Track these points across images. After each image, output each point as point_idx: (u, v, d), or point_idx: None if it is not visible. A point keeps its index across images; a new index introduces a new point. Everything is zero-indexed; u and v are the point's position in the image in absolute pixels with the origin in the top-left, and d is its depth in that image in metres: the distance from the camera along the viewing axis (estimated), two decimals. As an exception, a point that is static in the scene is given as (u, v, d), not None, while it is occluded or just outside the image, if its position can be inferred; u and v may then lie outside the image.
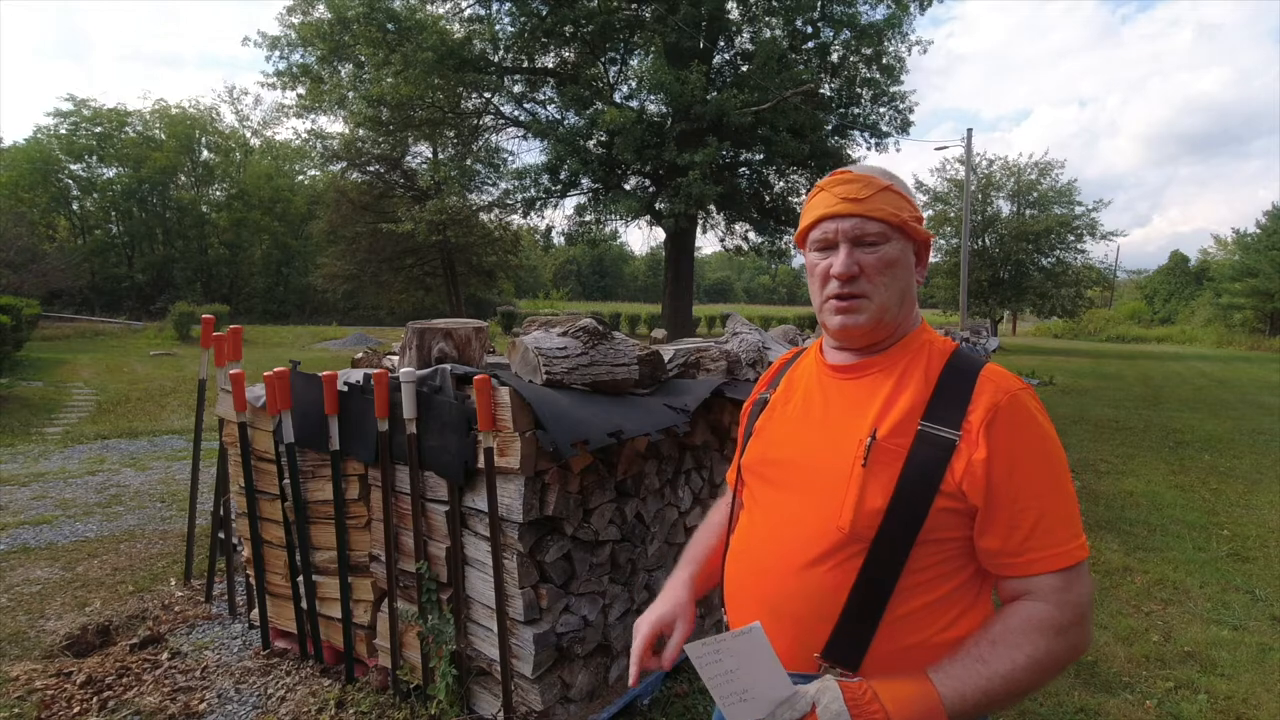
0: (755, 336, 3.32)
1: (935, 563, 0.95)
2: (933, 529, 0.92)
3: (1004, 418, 0.92)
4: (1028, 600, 0.92)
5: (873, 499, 0.93)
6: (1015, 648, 0.89)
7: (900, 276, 1.01)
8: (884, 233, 0.99)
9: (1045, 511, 0.91)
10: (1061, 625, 0.89)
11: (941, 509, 0.92)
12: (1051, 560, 0.91)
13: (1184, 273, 46.85)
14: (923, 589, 0.95)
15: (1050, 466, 0.94)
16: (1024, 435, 0.93)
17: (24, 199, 29.05)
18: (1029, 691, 0.91)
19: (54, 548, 4.11)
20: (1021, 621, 0.91)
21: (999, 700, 0.89)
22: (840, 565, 0.95)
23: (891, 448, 0.94)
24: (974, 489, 0.91)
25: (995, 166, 28.11)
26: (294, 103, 17.01)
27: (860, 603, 0.94)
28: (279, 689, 2.60)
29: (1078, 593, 0.91)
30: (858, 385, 1.03)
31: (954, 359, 1.00)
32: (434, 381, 2.26)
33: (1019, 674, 0.88)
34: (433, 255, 26.89)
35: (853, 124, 17.22)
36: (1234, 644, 3.24)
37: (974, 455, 0.91)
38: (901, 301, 1.02)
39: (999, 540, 0.92)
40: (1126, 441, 8.17)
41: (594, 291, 74.22)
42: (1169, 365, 19.60)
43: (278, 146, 37.84)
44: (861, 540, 0.93)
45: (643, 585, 2.67)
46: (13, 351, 12.33)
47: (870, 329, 1.01)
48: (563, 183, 16.32)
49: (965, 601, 0.97)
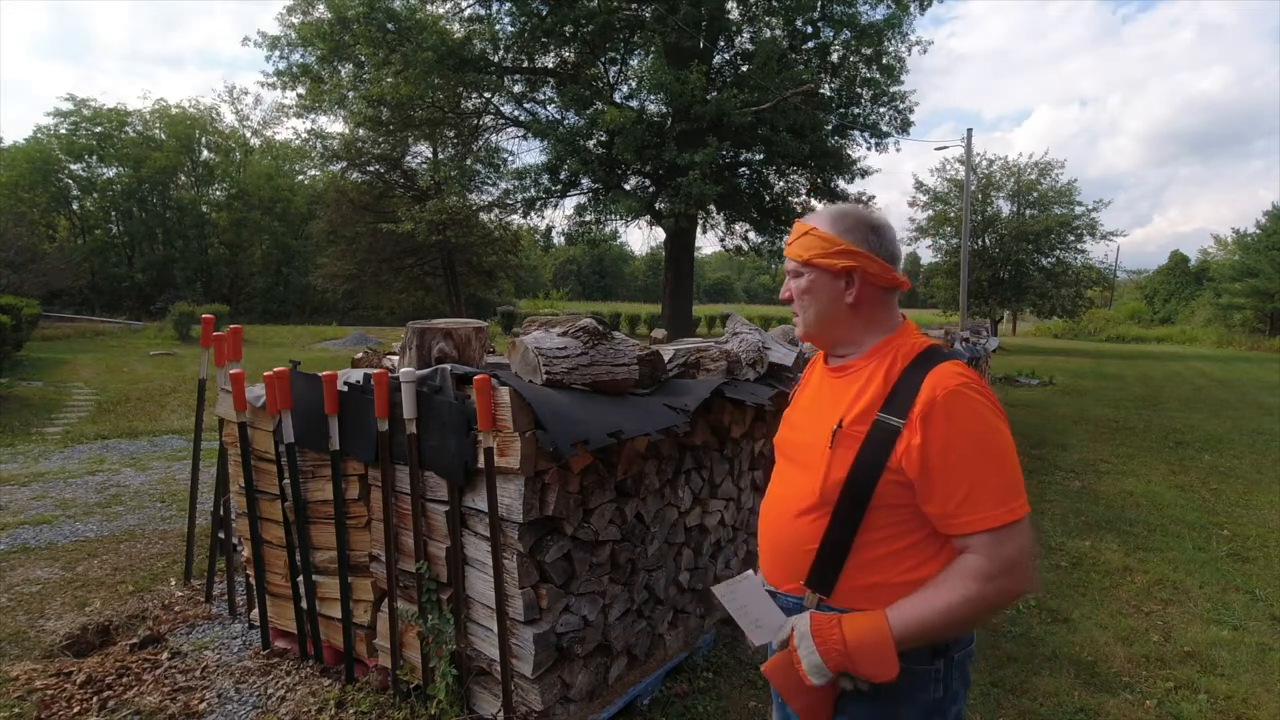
0: (755, 336, 3.32)
1: (889, 522, 1.18)
2: (883, 496, 1.16)
3: (938, 411, 1.12)
4: (966, 553, 1.13)
5: (835, 472, 1.18)
6: (951, 589, 1.11)
7: (816, 301, 1.28)
8: (797, 269, 1.31)
9: (975, 484, 1.10)
10: (991, 573, 1.09)
11: (889, 481, 1.15)
12: (980, 522, 1.10)
13: (1184, 273, 46.84)
14: (880, 543, 1.18)
15: (981, 447, 1.12)
16: (955, 424, 1.12)
17: (24, 199, 29.04)
18: (966, 624, 1.13)
19: (54, 548, 4.11)
20: (959, 569, 1.12)
21: (937, 629, 1.12)
22: (815, 520, 1.22)
23: (853, 433, 1.19)
24: (911, 466, 1.13)
25: (995, 166, 28.11)
26: (294, 103, 17.02)
27: (828, 549, 1.20)
28: (279, 689, 2.60)
29: (1008, 549, 1.10)
30: (843, 382, 1.28)
31: (917, 359, 1.20)
32: (434, 381, 2.26)
33: (954, 609, 1.10)
34: (433, 255, 26.89)
35: (853, 124, 17.21)
36: (1234, 644, 3.24)
37: (912, 440, 1.12)
38: (821, 319, 1.29)
39: (937, 507, 1.13)
40: (1126, 441, 8.17)
41: (594, 291, 74.21)
42: (1169, 365, 19.60)
43: (278, 146, 37.84)
44: (828, 503, 1.20)
45: (643, 585, 2.67)
46: (13, 351, 12.33)
47: (807, 336, 1.33)
48: (563, 183, 16.32)
49: (926, 553, 1.18)
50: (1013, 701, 2.73)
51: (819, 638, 1.14)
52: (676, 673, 2.80)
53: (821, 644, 1.13)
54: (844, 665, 1.12)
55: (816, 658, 1.13)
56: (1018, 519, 1.10)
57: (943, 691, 1.21)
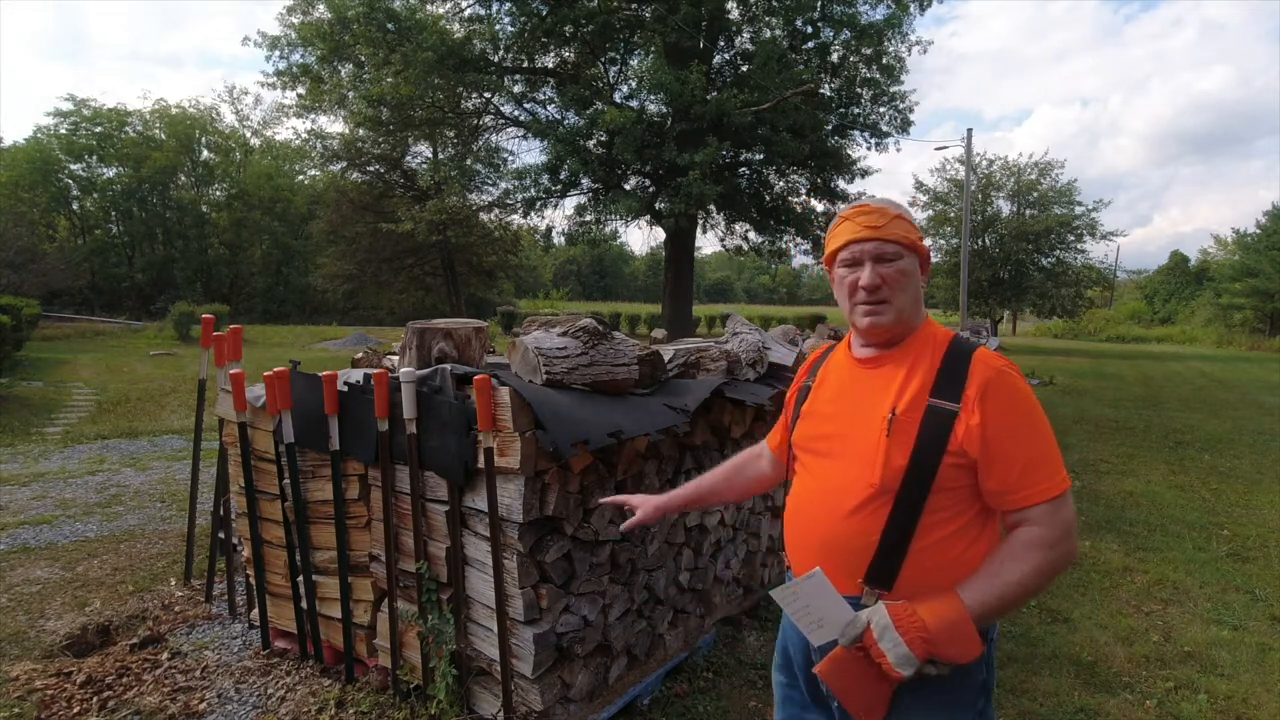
0: (755, 336, 3.32)
1: (946, 504, 1.20)
2: (943, 480, 1.18)
3: (992, 391, 1.18)
4: (1026, 526, 1.17)
5: (896, 460, 1.19)
6: (1020, 561, 1.15)
7: (912, 284, 1.28)
8: (898, 251, 1.26)
9: (1031, 458, 1.17)
10: (1053, 541, 1.15)
11: (949, 465, 1.18)
12: (1041, 494, 1.16)
13: (1184, 273, 46.78)
14: (938, 525, 1.20)
15: (1032, 423, 1.19)
16: (1009, 402, 1.18)
17: (24, 199, 29.01)
18: (1035, 593, 1.18)
19: (54, 548, 4.11)
20: (1023, 542, 1.16)
21: (1011, 602, 1.16)
22: (874, 512, 1.21)
23: (908, 420, 1.20)
24: (972, 446, 1.17)
25: (995, 166, 28.10)
26: (294, 103, 17.01)
27: (891, 539, 1.20)
28: (279, 689, 2.60)
29: (1063, 516, 1.16)
30: (879, 374, 1.29)
31: (952, 346, 1.25)
32: (434, 381, 2.26)
33: (1026, 580, 1.14)
34: (433, 255, 26.89)
35: (853, 124, 17.21)
36: (1234, 644, 3.24)
37: (971, 421, 1.17)
38: (914, 303, 1.29)
39: (998, 483, 1.18)
40: (1126, 441, 8.17)
41: (594, 291, 74.21)
42: (1169, 365, 19.59)
43: (278, 146, 37.81)
44: (889, 492, 1.20)
45: (643, 585, 2.67)
46: (13, 351, 12.32)
47: (891, 325, 1.27)
48: (563, 183, 16.31)
49: (974, 533, 1.22)
50: (1013, 701, 2.73)
51: (902, 627, 1.12)
52: (676, 673, 2.80)
53: (906, 633, 1.12)
54: (930, 651, 1.12)
55: (903, 648, 1.12)
56: (1068, 488, 1.17)
57: (986, 672, 1.26)
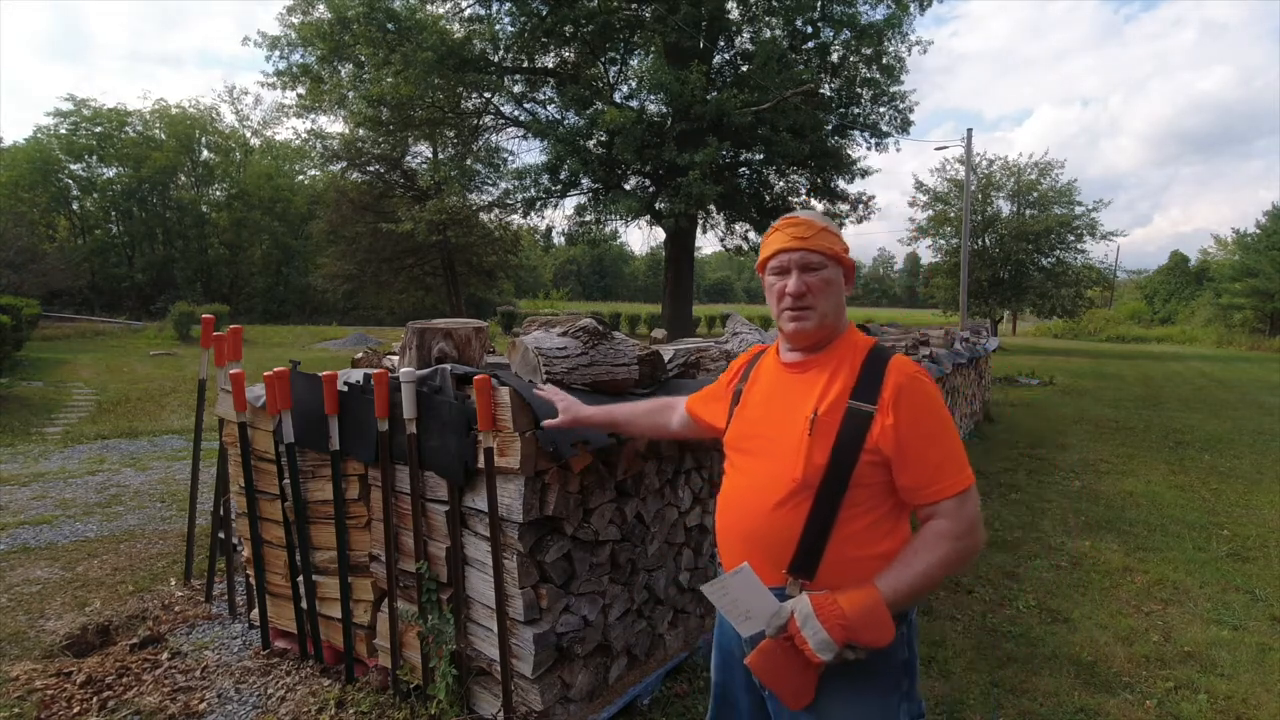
0: (755, 336, 3.32)
1: (863, 499, 1.29)
2: (860, 476, 1.27)
3: (906, 394, 1.27)
4: (936, 519, 1.27)
5: (817, 457, 1.28)
6: (931, 551, 1.24)
7: (835, 293, 1.37)
8: (823, 261, 1.35)
9: (941, 457, 1.27)
10: (959, 533, 1.25)
11: (866, 462, 1.27)
12: (948, 489, 1.25)
13: (1184, 273, 46.77)
14: (856, 519, 1.29)
15: (941, 425, 1.29)
16: (922, 406, 1.28)
17: (24, 199, 29.01)
18: (939, 582, 1.28)
19: (54, 548, 4.11)
20: (933, 534, 1.26)
21: (920, 590, 1.24)
22: (797, 506, 1.29)
23: (829, 420, 1.29)
24: (887, 445, 1.26)
25: (995, 166, 28.07)
26: (294, 103, 17.03)
27: (812, 531, 1.28)
28: (279, 689, 2.60)
29: (969, 509, 1.26)
30: (804, 378, 1.38)
31: (871, 353, 1.34)
32: (434, 381, 2.26)
33: (935, 568, 1.24)
34: (433, 255, 26.88)
35: (853, 124, 17.23)
36: (1234, 644, 3.24)
37: (886, 422, 1.26)
38: (836, 310, 1.37)
39: (911, 479, 1.27)
40: (1126, 441, 8.17)
41: (594, 291, 74.22)
42: (1169, 365, 19.59)
43: (278, 146, 37.80)
44: (810, 487, 1.28)
45: (643, 585, 2.67)
46: (13, 351, 12.33)
47: (815, 331, 1.36)
48: (563, 183, 16.32)
49: (888, 526, 1.31)
50: (1013, 701, 2.73)
51: (823, 615, 1.20)
52: (676, 673, 2.80)
53: (826, 620, 1.20)
54: (848, 637, 1.19)
55: (823, 634, 1.19)
56: (973, 483, 1.28)
57: (907, 653, 1.35)
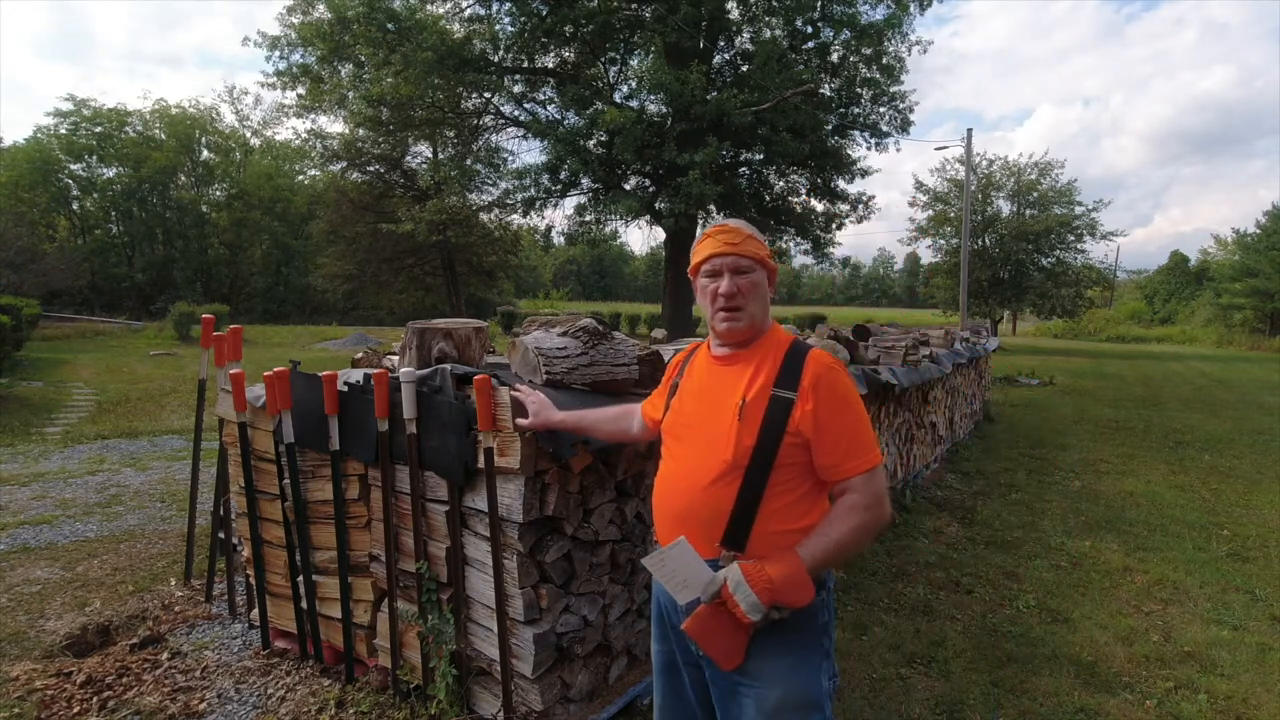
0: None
1: (786, 479, 1.44)
2: (783, 456, 1.43)
3: (823, 383, 1.44)
4: (848, 494, 1.44)
5: (745, 440, 1.43)
6: (843, 521, 1.41)
7: (762, 294, 1.53)
8: (752, 265, 1.50)
9: (853, 439, 1.44)
10: (868, 504, 1.42)
11: (788, 444, 1.43)
12: (858, 467, 1.43)
13: (1184, 273, 46.77)
14: (780, 496, 1.44)
15: (853, 411, 1.46)
16: (837, 393, 1.44)
17: (24, 199, 28.99)
18: (855, 549, 1.45)
19: (54, 548, 4.11)
20: (845, 506, 1.43)
21: (838, 555, 1.41)
22: (727, 485, 1.44)
23: (755, 407, 1.44)
24: (806, 428, 1.42)
25: (995, 166, 28.06)
26: (294, 103, 17.04)
27: (742, 507, 1.44)
28: (279, 689, 2.60)
29: (876, 484, 1.43)
30: (732, 370, 1.53)
31: (792, 347, 1.50)
32: (434, 381, 2.26)
33: (845, 538, 1.40)
34: (433, 255, 26.88)
35: (853, 124, 17.23)
36: (1234, 644, 3.24)
37: (805, 407, 1.42)
38: (763, 310, 1.53)
39: (827, 458, 1.44)
40: (1126, 441, 8.17)
41: (594, 291, 74.25)
42: (1169, 365, 19.59)
43: (278, 146, 37.78)
44: (739, 468, 1.43)
45: (643, 585, 2.67)
46: (13, 351, 12.32)
47: (744, 329, 1.51)
48: (563, 183, 16.33)
49: (808, 504, 1.47)
50: (1013, 701, 2.73)
51: (752, 580, 1.35)
52: (676, 673, 2.79)
53: (755, 585, 1.35)
54: (774, 599, 1.35)
55: (753, 597, 1.34)
56: (881, 461, 1.45)
57: (828, 616, 1.51)
